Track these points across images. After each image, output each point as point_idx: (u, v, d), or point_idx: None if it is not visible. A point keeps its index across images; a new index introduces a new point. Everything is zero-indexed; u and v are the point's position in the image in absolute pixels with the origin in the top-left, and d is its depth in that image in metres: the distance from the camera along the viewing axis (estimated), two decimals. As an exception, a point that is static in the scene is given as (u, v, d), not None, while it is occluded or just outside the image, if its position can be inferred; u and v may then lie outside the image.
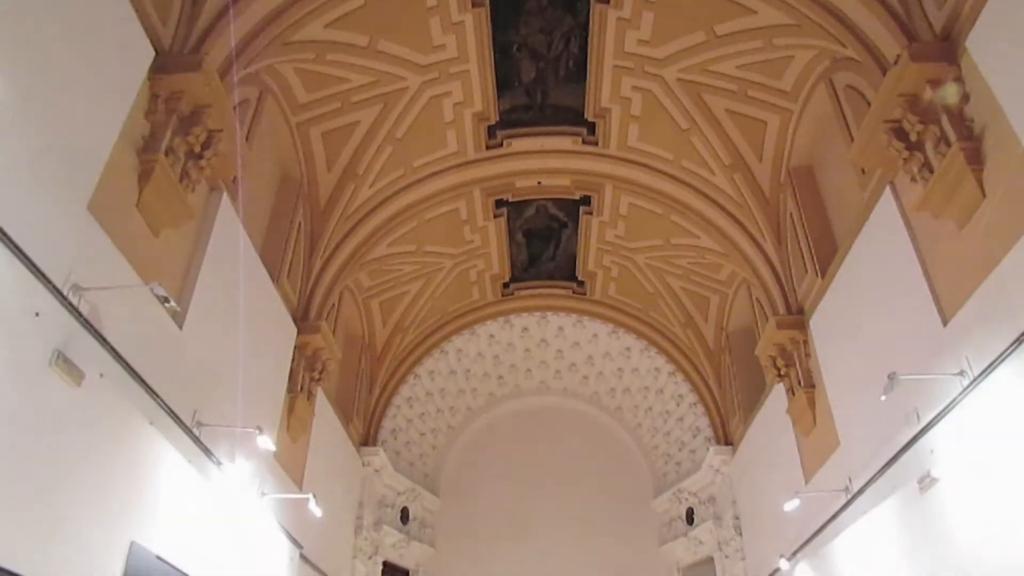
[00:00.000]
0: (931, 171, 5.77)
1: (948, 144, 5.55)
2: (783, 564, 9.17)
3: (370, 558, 11.87)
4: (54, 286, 4.30)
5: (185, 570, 5.80)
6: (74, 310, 4.50)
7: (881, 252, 6.86)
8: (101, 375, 4.79)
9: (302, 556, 8.73)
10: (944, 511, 5.74)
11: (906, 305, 6.36)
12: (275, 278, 8.57)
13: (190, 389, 6.12)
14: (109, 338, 4.85)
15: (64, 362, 4.39)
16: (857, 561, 7.37)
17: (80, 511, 4.58)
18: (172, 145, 5.82)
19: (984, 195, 5.27)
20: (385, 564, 12.27)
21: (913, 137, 5.96)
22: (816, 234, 8.64)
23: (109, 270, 4.99)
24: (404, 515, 13.18)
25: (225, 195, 6.96)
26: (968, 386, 5.34)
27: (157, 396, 5.46)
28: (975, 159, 5.31)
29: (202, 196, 6.65)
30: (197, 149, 6.12)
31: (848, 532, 7.53)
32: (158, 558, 5.40)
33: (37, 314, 4.18)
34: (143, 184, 5.53)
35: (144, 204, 5.56)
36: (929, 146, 5.81)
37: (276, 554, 7.98)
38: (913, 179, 6.05)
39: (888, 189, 6.63)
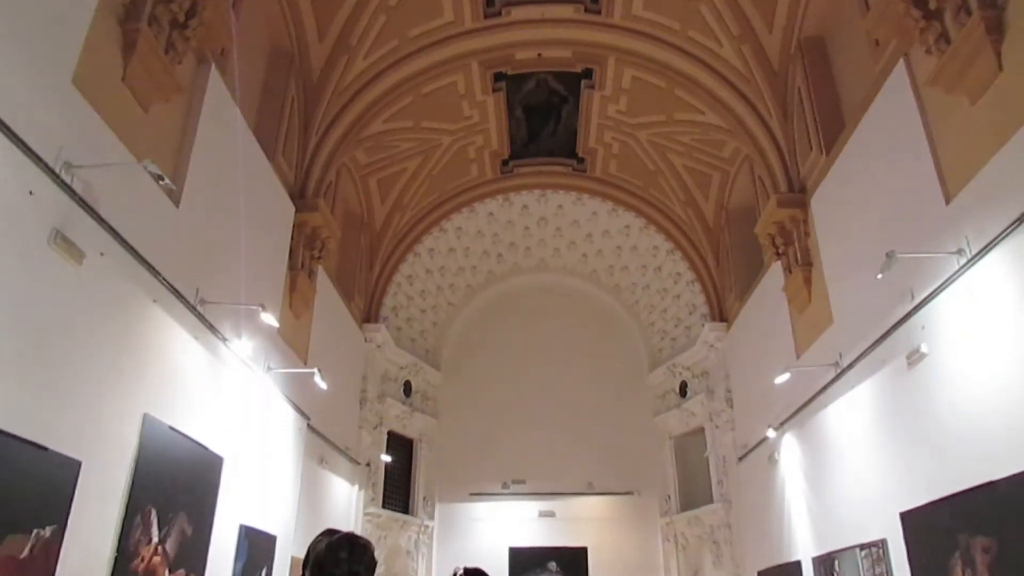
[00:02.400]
0: (947, 42, 5.54)
1: (968, 13, 5.30)
2: (770, 434, 9.59)
3: (375, 428, 12.40)
4: (45, 164, 4.22)
5: (198, 440, 6.07)
6: (68, 188, 4.44)
7: (889, 128, 6.71)
8: (102, 254, 4.80)
9: (309, 427, 9.11)
10: (929, 385, 5.93)
11: (910, 183, 6.29)
12: (270, 155, 8.42)
13: (191, 267, 6.15)
14: (106, 217, 4.82)
15: (63, 241, 4.38)
16: (842, 432, 7.70)
17: (93, 385, 4.72)
18: (155, 14, 5.54)
19: (1001, 68, 5.09)
20: (390, 434, 12.84)
21: (932, 5, 5.68)
22: (823, 109, 8.42)
23: (100, 148, 4.89)
24: (407, 388, 13.65)
25: (214, 68, 6.71)
26: (965, 264, 5.37)
27: (159, 274, 5.50)
28: (995, 28, 5.09)
29: (190, 69, 6.41)
30: (181, 18, 5.83)
31: (835, 405, 7.82)
32: (171, 428, 5.63)
33: (31, 193, 4.13)
34: (127, 56, 5.31)
35: (130, 77, 5.36)
36: (948, 15, 5.55)
37: (284, 425, 8.32)
38: (928, 51, 5.82)
39: (901, 62, 6.40)
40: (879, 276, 5.96)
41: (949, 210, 5.68)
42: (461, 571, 3.44)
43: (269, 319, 6.89)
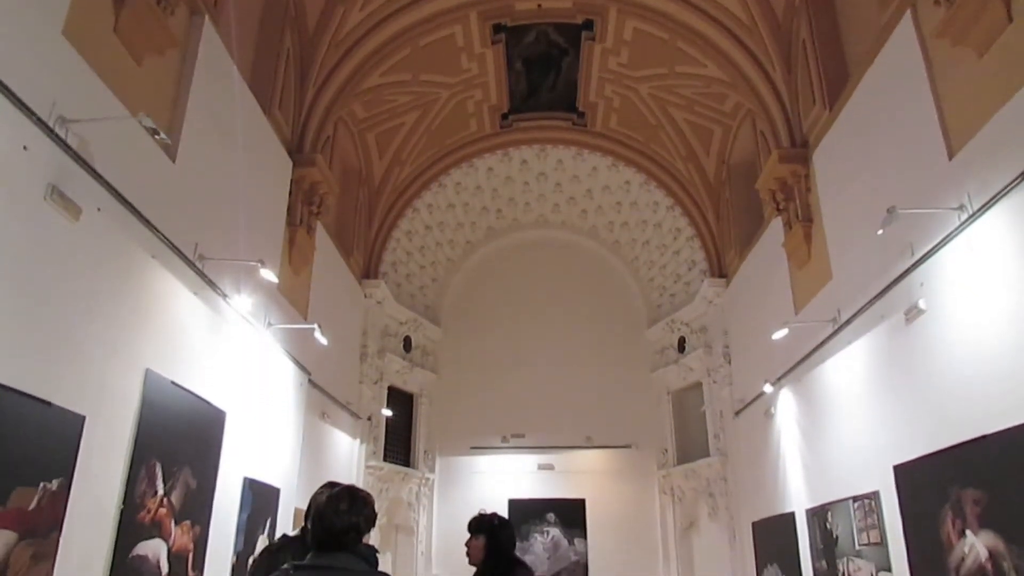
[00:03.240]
0: (956, -8, 5.44)
1: (979, -38, 5.18)
2: (767, 389, 9.68)
3: (375, 383, 12.51)
4: (38, 118, 4.16)
5: (200, 395, 6.12)
6: (62, 143, 4.39)
7: (893, 82, 6.62)
8: (99, 209, 4.78)
9: (310, 382, 9.19)
10: (926, 341, 5.97)
11: (913, 138, 6.23)
12: (266, 110, 8.31)
13: (189, 223, 6.12)
14: (102, 172, 4.78)
15: (59, 196, 4.35)
16: (838, 387, 7.77)
17: (94, 341, 4.74)
18: (145, -38, 5.42)
19: (1010, 19, 5.00)
20: (390, 389, 12.97)
21: (942, -46, 5.55)
22: (828, 62, 8.29)
23: (93, 101, 4.82)
24: (407, 344, 13.74)
25: (207, 20, 6.58)
26: (966, 220, 5.35)
27: (157, 230, 5.48)
28: (1007, -23, 4.98)
29: (183, 21, 6.28)
30: (172, -33, 5.71)
31: (832, 360, 7.88)
32: (173, 384, 5.68)
33: (25, 148, 4.09)
34: (118, 6, 5.21)
35: (122, 28, 5.26)
36: (958, -36, 5.43)
37: (286, 380, 8.39)
38: (936, 1, 5.71)
39: (908, 13, 6.28)
40: (879, 232, 5.95)
41: (952, 165, 5.63)
42: (489, 513, 3.66)
43: (268, 275, 6.89)
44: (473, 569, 4.06)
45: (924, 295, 5.96)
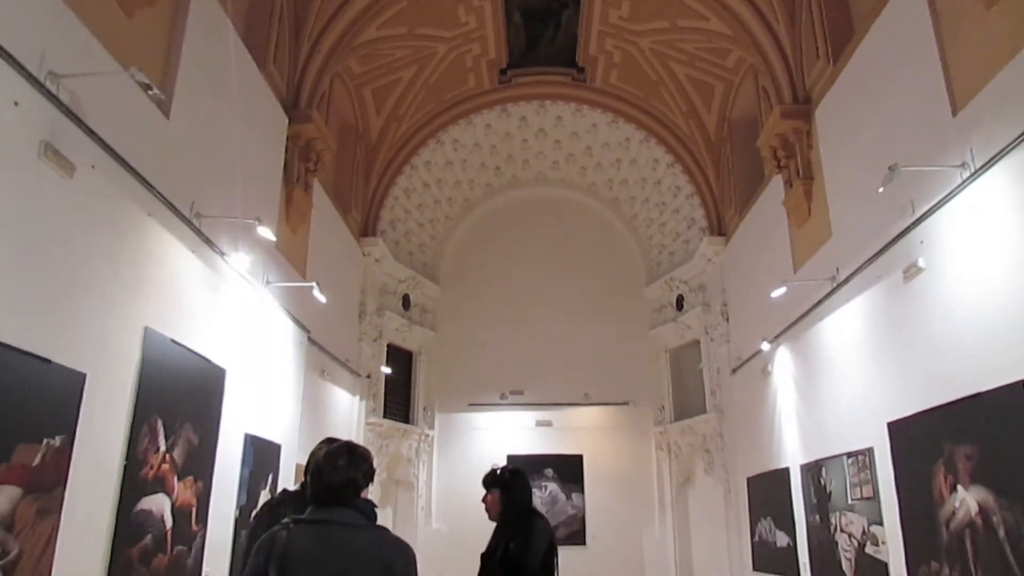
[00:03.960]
0: (966, -58, 5.31)
1: (990, -90, 5.05)
2: (764, 346, 9.74)
3: (375, 341, 12.57)
4: (29, 73, 4.09)
5: (200, 353, 6.15)
6: (54, 99, 4.32)
7: (899, 36, 6.50)
8: (93, 167, 4.73)
9: (310, 339, 9.23)
10: (924, 300, 5.98)
11: (917, 94, 6.14)
12: (261, 65, 8.17)
13: (185, 180, 6.07)
14: (95, 128, 4.71)
15: (53, 153, 4.30)
16: (835, 345, 7.81)
17: (92, 299, 4.74)
18: (133, -90, 5.26)
19: (1020, -30, 4.89)
20: (389, 346, 13.03)
21: (953, -98, 5.40)
22: (833, 16, 8.12)
23: (84, 56, 4.73)
24: (405, 302, 13.76)
25: (198, -30, 6.42)
26: (968, 178, 5.31)
27: (152, 187, 5.44)
28: (1017, -74, 4.86)
29: (173, -29, 6.14)
30: (161, -85, 5.56)
31: (830, 319, 7.91)
32: (173, 342, 5.70)
33: (16, 104, 4.03)
34: (107, -43, 5.08)
35: (111, -20, 5.14)
36: (969, -87, 5.29)
37: (285, 338, 8.42)
38: (945, -48, 5.59)
39: (916, -36, 6.14)
40: (880, 190, 5.91)
41: (955, 122, 5.56)
42: (499, 469, 3.68)
43: (266, 233, 6.86)
44: (490, 524, 4.10)
45: (923, 253, 5.95)
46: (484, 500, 3.98)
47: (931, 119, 5.90)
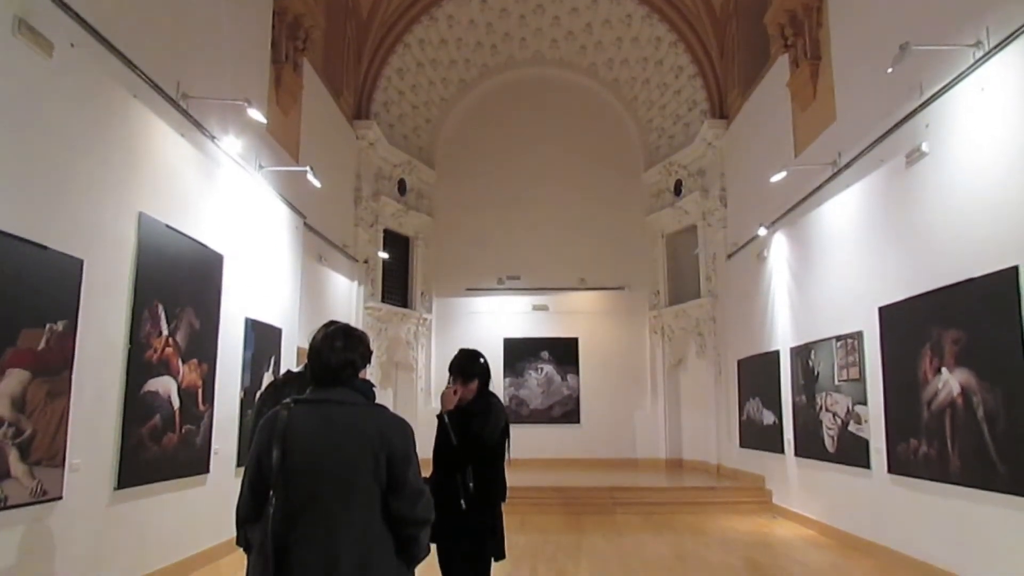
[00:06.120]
0: None
1: None
2: (761, 232, 9.74)
3: (371, 226, 12.54)
4: (-6, -59, 3.84)
5: (196, 238, 6.13)
6: (24, -30, 4.08)
7: (922, -98, 6.10)
8: (72, 45, 4.53)
9: (306, 225, 9.19)
10: (924, 185, 5.92)
11: (936, -33, 5.84)
12: (242, -68, 7.68)
13: (169, 60, 5.84)
14: (72, 4, 4.48)
15: (29, 31, 4.11)
16: (832, 231, 7.81)
17: (83, 184, 4.67)
18: None
19: None
20: (386, 232, 13.02)
21: None
22: None
23: (52, -79, 4.43)
24: (401, 186, 13.62)
25: None
26: (981, 58, 5.13)
27: (136, 67, 5.23)
28: None
29: None
30: None
31: (828, 204, 7.86)
32: (168, 227, 5.67)
33: (-16, -25, 3.81)
34: None
35: None
36: None
37: (280, 223, 8.38)
38: None
39: None
40: (889, 70, 5.73)
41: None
42: (480, 357, 3.48)
43: (256, 114, 6.68)
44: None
45: (928, 137, 5.84)
46: (457, 389, 3.37)
47: (948, -6, 5.63)
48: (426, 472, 3.37)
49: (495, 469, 3.38)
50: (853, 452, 7.15)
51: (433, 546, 3.28)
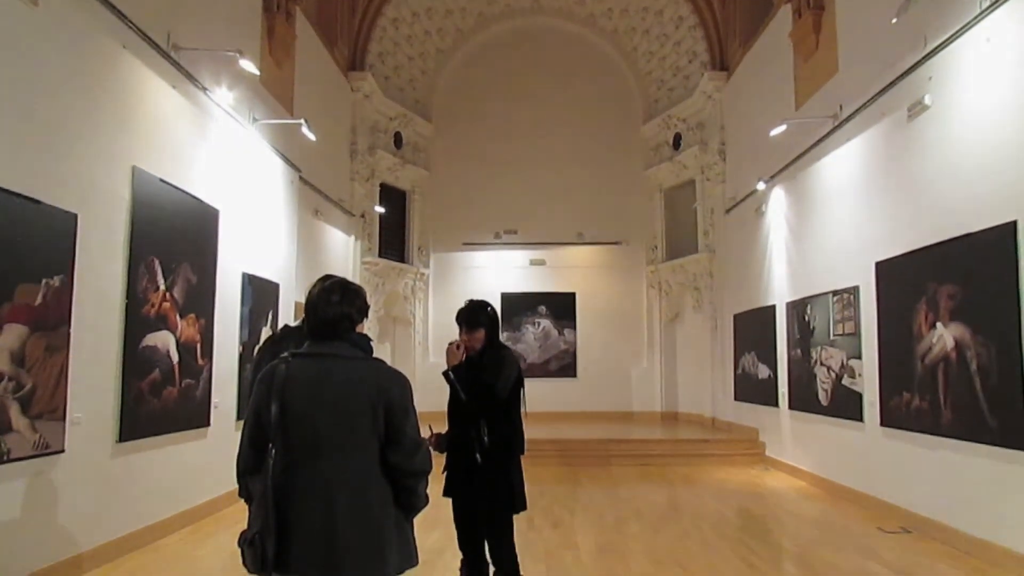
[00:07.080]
0: None
1: None
2: (760, 186, 9.69)
3: (367, 180, 12.44)
4: None
5: (191, 192, 6.08)
6: (5, -86, 3.96)
7: None
8: (57, -7, 4.42)
9: (301, 179, 9.11)
10: (926, 139, 5.86)
11: (944, -88, 5.68)
12: None
13: (158, 9, 5.70)
14: (54, -51, 4.37)
15: (12, -22, 4.01)
16: (831, 186, 7.76)
17: (73, 137, 4.61)
18: None
19: None
20: (382, 186, 12.91)
21: None
22: None
23: None
24: (397, 140, 13.47)
25: None
26: (987, 7, 5.04)
27: (124, 16, 5.12)
28: None
29: None
30: None
31: (828, 158, 7.80)
32: (162, 181, 5.61)
33: (-36, -81, 3.69)
34: None
35: None
36: None
37: (276, 177, 8.30)
38: None
39: None
40: (894, 20, 5.63)
41: (982, -55, 5.19)
42: (487, 306, 3.49)
43: (249, 66, 6.56)
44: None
45: (931, 90, 5.76)
46: (458, 344, 3.43)
47: (956, -59, 5.49)
48: (442, 427, 3.43)
49: (511, 421, 3.37)
50: (846, 405, 7.23)
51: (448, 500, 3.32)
